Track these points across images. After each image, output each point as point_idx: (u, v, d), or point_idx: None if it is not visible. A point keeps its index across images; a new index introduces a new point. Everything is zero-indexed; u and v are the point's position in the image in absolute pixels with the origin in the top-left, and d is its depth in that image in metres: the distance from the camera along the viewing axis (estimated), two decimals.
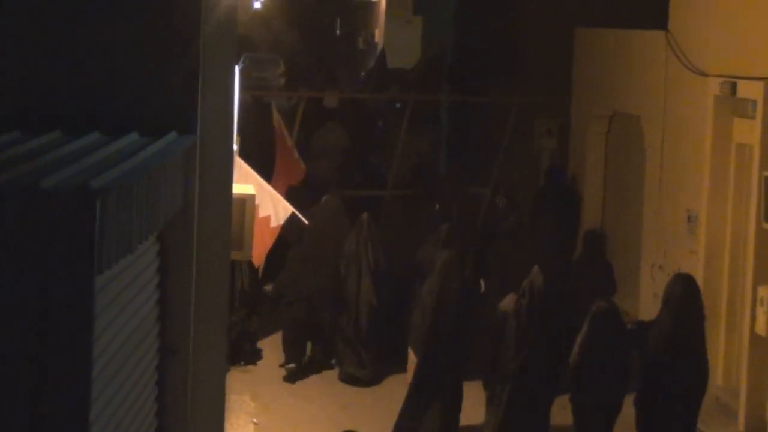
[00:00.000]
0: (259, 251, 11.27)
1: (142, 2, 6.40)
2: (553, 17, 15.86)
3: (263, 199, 11.59)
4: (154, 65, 6.37)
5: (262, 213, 11.43)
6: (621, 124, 14.64)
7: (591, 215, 14.72)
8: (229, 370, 10.13)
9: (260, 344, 13.10)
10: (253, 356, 12.76)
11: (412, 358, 11.61)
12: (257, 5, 46.40)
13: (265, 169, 12.82)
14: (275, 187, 12.29)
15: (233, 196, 7.18)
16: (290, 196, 12.54)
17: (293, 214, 11.94)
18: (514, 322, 9.70)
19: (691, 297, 9.65)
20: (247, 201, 8.15)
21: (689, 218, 11.95)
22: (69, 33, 6.34)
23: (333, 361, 12.64)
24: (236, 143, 8.64)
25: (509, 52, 17.61)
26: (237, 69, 7.66)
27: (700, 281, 11.29)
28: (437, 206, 14.46)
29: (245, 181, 11.41)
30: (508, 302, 9.87)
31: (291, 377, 12.28)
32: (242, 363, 12.53)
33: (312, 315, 12.38)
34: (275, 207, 11.74)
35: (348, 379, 12.29)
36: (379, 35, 39.92)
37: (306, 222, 12.34)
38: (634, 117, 13.87)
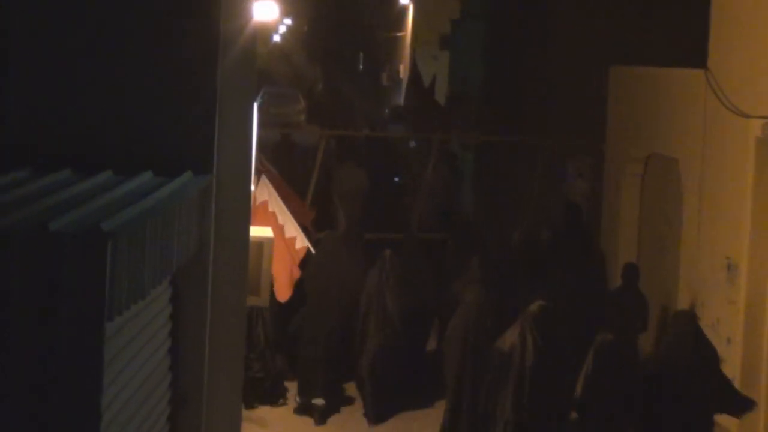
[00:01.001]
0: (286, 273, 11.28)
1: (157, 38, 6.42)
2: (588, 55, 15.61)
3: (286, 221, 11.79)
4: (169, 102, 6.31)
5: (287, 234, 11.63)
6: (657, 167, 14.33)
7: (625, 261, 14.33)
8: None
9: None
10: (277, 395, 12.44)
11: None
12: (276, 38, 46.56)
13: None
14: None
15: (250, 238, 7.00)
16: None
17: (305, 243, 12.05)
18: (512, 361, 9.70)
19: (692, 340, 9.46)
20: (265, 244, 7.99)
21: (729, 266, 11.62)
22: (81, 70, 6.40)
23: (353, 396, 12.48)
24: (253, 184, 8.48)
25: (540, 89, 17.34)
26: (255, 105, 7.45)
27: (739, 333, 11.09)
28: (451, 245, 14.23)
29: (269, 199, 11.48)
30: (505, 341, 9.83)
31: (303, 413, 12.01)
32: (256, 405, 12.14)
33: (327, 352, 12.14)
34: (297, 229, 11.88)
35: (368, 417, 12.07)
36: (404, 71, 39.86)
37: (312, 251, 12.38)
38: (671, 159, 13.59)
